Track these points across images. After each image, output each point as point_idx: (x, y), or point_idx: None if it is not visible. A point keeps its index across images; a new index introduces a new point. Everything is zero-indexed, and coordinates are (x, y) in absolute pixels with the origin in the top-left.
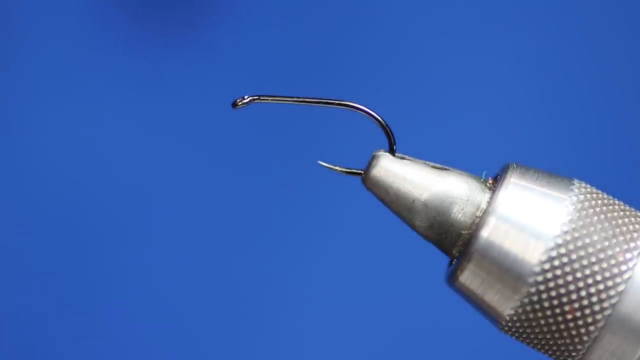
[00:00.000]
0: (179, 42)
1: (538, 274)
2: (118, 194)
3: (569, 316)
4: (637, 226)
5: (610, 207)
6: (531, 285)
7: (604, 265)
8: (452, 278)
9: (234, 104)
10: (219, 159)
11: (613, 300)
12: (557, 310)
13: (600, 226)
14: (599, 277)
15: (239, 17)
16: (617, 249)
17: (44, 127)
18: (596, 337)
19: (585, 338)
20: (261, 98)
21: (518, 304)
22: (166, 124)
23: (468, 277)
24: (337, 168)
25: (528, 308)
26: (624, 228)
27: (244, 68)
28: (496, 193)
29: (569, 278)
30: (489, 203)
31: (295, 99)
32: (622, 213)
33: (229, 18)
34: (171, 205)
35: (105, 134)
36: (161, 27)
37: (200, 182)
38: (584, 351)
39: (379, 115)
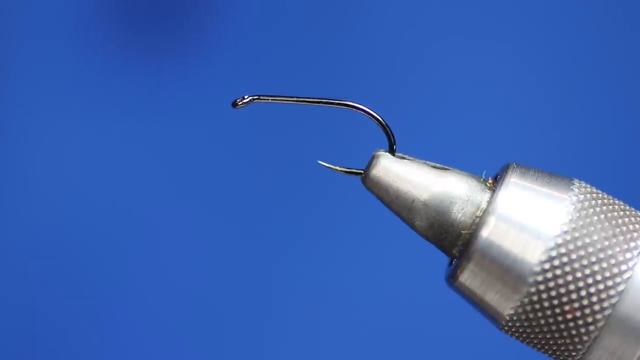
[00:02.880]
0: (178, 42)
1: (538, 273)
2: (119, 195)
3: (569, 316)
4: (637, 226)
5: (610, 207)
6: (531, 285)
7: (604, 265)
8: (452, 278)
9: (234, 104)
10: (218, 159)
11: (613, 300)
12: (557, 310)
13: (600, 226)
14: (599, 277)
15: (239, 16)
16: (617, 249)
17: (45, 132)
18: (596, 337)
19: (585, 338)
20: (261, 98)
21: (518, 303)
22: (166, 124)
23: (468, 277)
24: (337, 168)
25: (528, 308)
26: (624, 228)
27: (244, 68)
28: (496, 193)
29: (569, 278)
30: (489, 203)
31: (295, 99)
32: (622, 213)
33: (228, 17)
34: (171, 205)
35: (105, 135)
36: (160, 27)
37: (200, 182)
38: (584, 351)
39: (379, 115)
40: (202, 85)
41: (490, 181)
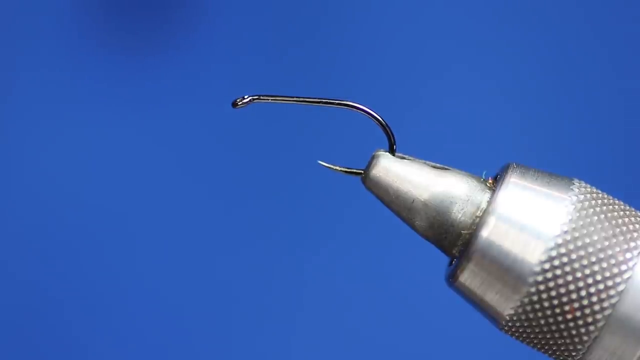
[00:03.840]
0: (178, 41)
1: (538, 273)
2: (118, 195)
3: (569, 316)
4: (637, 226)
5: (610, 207)
6: (531, 285)
7: (604, 265)
8: (452, 278)
9: (234, 104)
10: (218, 159)
11: (613, 300)
12: (557, 310)
13: (600, 226)
14: (599, 277)
15: (240, 14)
16: (617, 249)
17: (36, 130)
18: (596, 337)
19: (585, 338)
20: (261, 98)
21: (518, 303)
22: (165, 124)
23: (468, 277)
24: (337, 168)
25: (528, 308)
26: (624, 228)
27: (244, 68)
28: (496, 193)
29: (569, 278)
30: (489, 203)
31: (295, 99)
32: (622, 213)
33: (228, 16)
34: (172, 206)
35: (105, 136)
36: (158, 27)
37: (200, 183)
38: (584, 351)
39: (379, 115)
40: (202, 86)
41: (490, 181)
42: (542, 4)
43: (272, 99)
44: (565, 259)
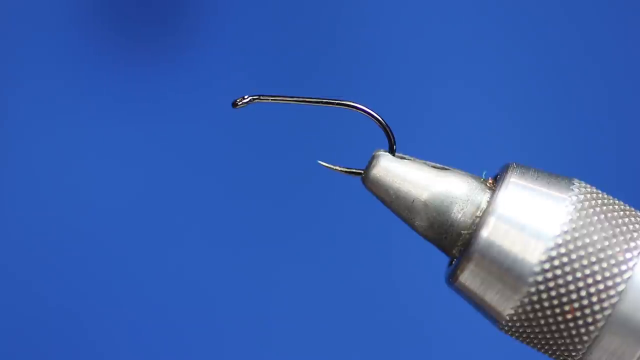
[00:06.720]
0: (179, 41)
1: (538, 273)
2: (119, 195)
3: (569, 316)
4: (637, 226)
5: (610, 207)
6: (531, 285)
7: (604, 265)
8: (452, 278)
9: (234, 104)
10: (218, 159)
11: (613, 300)
12: (557, 310)
13: (600, 226)
14: (599, 277)
15: (240, 14)
16: (617, 249)
17: (40, 132)
18: (596, 337)
19: (585, 338)
20: (261, 98)
21: (518, 303)
22: (166, 125)
23: (468, 277)
24: (337, 168)
25: (528, 308)
26: (624, 228)
27: (244, 68)
28: (496, 193)
29: (569, 278)
30: (489, 203)
31: (295, 99)
32: (622, 213)
33: (229, 16)
34: (172, 206)
35: (105, 137)
36: (161, 29)
37: (201, 183)
38: (584, 351)
39: (379, 115)
40: (202, 86)
41: (490, 181)
42: (543, 6)
43: (272, 99)
44: (565, 259)
